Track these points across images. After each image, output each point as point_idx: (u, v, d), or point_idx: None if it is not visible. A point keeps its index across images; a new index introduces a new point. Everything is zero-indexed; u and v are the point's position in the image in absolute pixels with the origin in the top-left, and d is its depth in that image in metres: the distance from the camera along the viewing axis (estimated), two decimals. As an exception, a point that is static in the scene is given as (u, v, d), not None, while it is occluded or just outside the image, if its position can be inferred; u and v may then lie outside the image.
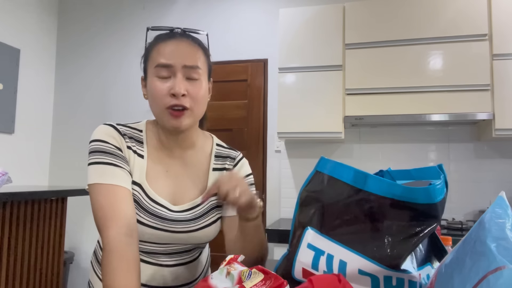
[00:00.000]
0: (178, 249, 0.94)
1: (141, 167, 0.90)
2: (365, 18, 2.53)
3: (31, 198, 1.94)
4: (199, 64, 0.89)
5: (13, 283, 1.87)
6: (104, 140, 0.88)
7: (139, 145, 0.92)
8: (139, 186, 0.89)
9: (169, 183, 0.93)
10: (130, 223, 0.82)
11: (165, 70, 0.87)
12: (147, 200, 0.89)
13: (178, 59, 0.87)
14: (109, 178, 0.84)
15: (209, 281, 0.61)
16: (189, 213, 0.93)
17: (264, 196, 2.98)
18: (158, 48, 0.90)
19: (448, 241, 0.94)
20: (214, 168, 0.99)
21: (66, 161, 3.41)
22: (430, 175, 0.72)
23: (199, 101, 0.89)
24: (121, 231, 0.79)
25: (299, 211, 0.72)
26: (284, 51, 2.65)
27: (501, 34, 2.32)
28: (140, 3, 3.41)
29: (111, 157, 0.86)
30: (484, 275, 0.39)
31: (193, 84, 0.88)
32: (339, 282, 0.54)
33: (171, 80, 0.87)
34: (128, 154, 0.90)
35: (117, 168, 0.86)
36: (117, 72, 3.39)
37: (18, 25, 3.16)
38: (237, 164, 1.02)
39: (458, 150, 2.66)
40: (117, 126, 0.92)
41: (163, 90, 0.86)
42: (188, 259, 0.96)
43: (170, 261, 0.93)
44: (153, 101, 0.89)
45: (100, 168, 0.85)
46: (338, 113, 2.52)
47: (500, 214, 0.45)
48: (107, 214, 0.81)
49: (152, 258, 0.92)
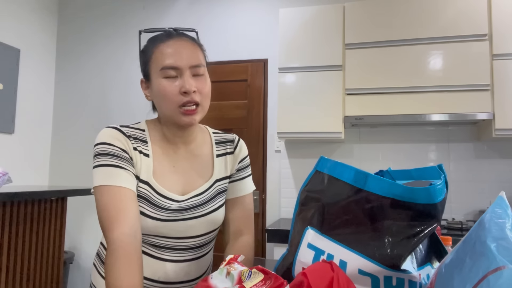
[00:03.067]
0: (193, 244, 0.97)
1: (148, 166, 0.93)
2: (365, 18, 2.53)
3: (31, 198, 1.94)
4: (201, 61, 0.94)
5: (13, 283, 1.87)
6: (109, 142, 0.90)
7: (143, 144, 0.95)
8: (147, 184, 0.92)
9: (177, 177, 0.97)
10: (133, 224, 0.84)
11: (172, 71, 0.90)
12: (156, 196, 0.91)
13: (184, 60, 0.90)
14: (114, 180, 0.86)
15: (209, 281, 0.61)
16: (196, 199, 0.96)
17: (264, 196, 2.98)
18: (160, 49, 0.92)
19: (448, 241, 0.94)
20: (217, 154, 1.05)
21: (66, 161, 3.41)
22: (430, 175, 0.72)
23: (206, 95, 0.94)
24: (124, 231, 0.81)
25: (299, 211, 0.72)
26: (284, 51, 2.65)
27: (501, 34, 2.32)
28: (140, 3, 3.40)
29: (116, 159, 0.88)
30: (484, 275, 0.39)
31: (199, 81, 0.92)
32: (333, 270, 0.54)
33: (179, 79, 0.90)
34: (135, 155, 0.92)
35: (122, 170, 0.88)
36: (117, 72, 3.39)
37: (18, 25, 3.16)
38: (237, 146, 1.08)
39: (458, 150, 2.66)
40: (122, 128, 0.93)
41: (174, 90, 0.89)
42: (200, 254, 1.00)
43: (185, 256, 0.96)
44: (163, 101, 0.91)
45: (105, 171, 0.87)
46: (338, 113, 2.52)
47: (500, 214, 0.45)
48: (111, 215, 0.83)
49: (169, 254, 0.95)
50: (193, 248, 0.98)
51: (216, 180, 1.02)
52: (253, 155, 3.00)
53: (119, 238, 0.80)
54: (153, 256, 0.94)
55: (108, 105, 3.38)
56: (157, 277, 0.93)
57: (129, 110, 3.29)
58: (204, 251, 1.02)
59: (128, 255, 0.79)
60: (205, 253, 1.02)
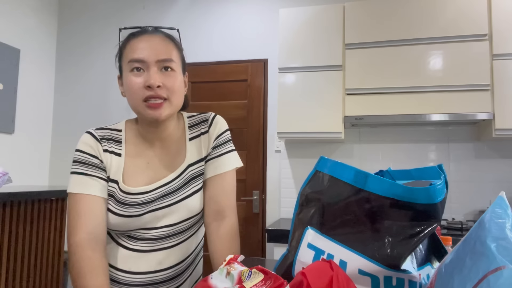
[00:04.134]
0: (166, 233, 0.95)
1: (118, 165, 0.96)
2: (365, 18, 2.53)
3: (31, 198, 1.94)
4: (172, 57, 0.93)
5: (13, 283, 1.87)
6: (82, 150, 0.95)
7: (117, 144, 0.98)
8: (116, 183, 0.94)
9: (150, 172, 0.97)
10: (92, 228, 0.88)
11: (139, 65, 0.90)
12: (122, 194, 0.93)
13: (151, 53, 0.90)
14: (81, 187, 0.91)
15: (209, 281, 0.61)
16: (166, 187, 0.95)
17: (264, 196, 2.98)
18: (131, 44, 0.93)
19: (448, 241, 0.94)
20: (190, 138, 1.02)
21: (66, 161, 3.41)
22: (430, 175, 0.72)
23: (175, 91, 0.92)
24: (83, 237, 0.87)
25: (299, 211, 0.72)
26: (284, 51, 2.65)
27: (501, 34, 2.32)
28: (140, 3, 3.41)
29: (86, 168, 0.93)
30: (484, 275, 0.39)
31: (168, 76, 0.91)
32: (332, 269, 0.54)
33: (145, 73, 0.90)
34: (105, 156, 0.95)
35: (90, 178, 0.92)
36: (117, 72, 3.38)
37: (18, 25, 3.16)
38: (212, 123, 1.03)
39: (458, 150, 2.66)
40: (95, 132, 0.97)
41: (139, 84, 0.89)
42: (180, 240, 0.98)
43: (163, 244, 0.95)
44: (129, 96, 0.92)
45: (76, 178, 0.92)
46: (338, 113, 2.52)
47: (500, 214, 0.45)
48: (73, 222, 0.89)
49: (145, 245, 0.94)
50: (167, 236, 0.95)
51: (189, 165, 0.99)
52: (253, 155, 3.00)
53: (78, 244, 0.86)
54: (128, 248, 0.94)
55: (107, 105, 3.38)
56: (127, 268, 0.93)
57: (129, 109, 3.28)
58: (180, 239, 0.98)
59: (86, 259, 0.84)
60: (181, 241, 0.98)
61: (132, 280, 0.93)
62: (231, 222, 0.98)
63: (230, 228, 0.97)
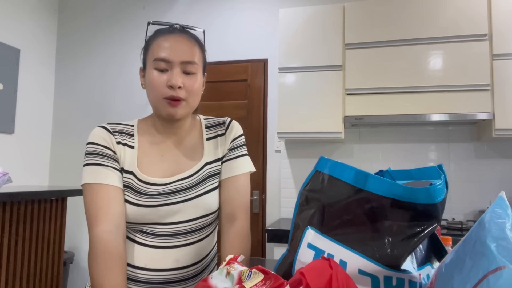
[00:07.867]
0: (182, 230, 0.96)
1: (132, 157, 0.97)
2: (365, 18, 2.53)
3: (31, 198, 1.94)
4: (195, 59, 0.97)
5: (13, 283, 1.87)
6: (95, 142, 0.95)
7: (129, 137, 0.99)
8: (131, 174, 0.95)
9: (164, 165, 0.98)
10: (116, 220, 0.88)
11: (163, 64, 0.93)
12: (139, 183, 0.94)
13: (177, 55, 0.94)
14: (98, 178, 0.91)
15: (209, 281, 0.61)
16: (184, 182, 0.97)
17: (264, 196, 2.98)
18: (158, 42, 0.96)
19: (448, 241, 0.94)
20: (207, 138, 1.05)
21: (66, 161, 3.41)
22: (430, 175, 0.72)
23: (194, 93, 0.96)
24: (106, 229, 0.86)
25: (299, 211, 0.72)
26: (284, 51, 2.65)
27: (501, 34, 2.32)
28: (140, 3, 3.41)
29: (100, 158, 0.93)
30: (484, 275, 0.39)
31: (189, 78, 0.95)
32: (331, 268, 0.54)
33: (169, 73, 0.93)
34: (118, 148, 0.96)
35: (106, 168, 0.93)
36: (117, 72, 3.39)
37: (18, 25, 3.16)
38: (228, 127, 1.07)
39: (458, 150, 2.66)
40: (108, 126, 0.98)
41: (161, 82, 0.93)
42: (197, 238, 0.98)
43: (179, 242, 0.95)
44: (151, 91, 0.95)
45: (91, 169, 0.92)
46: (338, 113, 2.52)
47: (500, 214, 0.45)
48: (94, 212, 0.88)
49: (161, 241, 0.94)
50: (184, 233, 0.95)
51: (207, 163, 1.01)
52: (253, 155, 3.00)
53: (99, 235, 0.85)
54: (144, 244, 0.93)
55: (108, 105, 3.38)
56: (144, 264, 0.92)
57: (129, 109, 3.29)
58: (197, 237, 0.98)
59: (109, 252, 0.83)
60: (197, 239, 0.98)
61: (151, 278, 0.93)
62: (242, 223, 0.99)
63: (240, 229, 0.98)
